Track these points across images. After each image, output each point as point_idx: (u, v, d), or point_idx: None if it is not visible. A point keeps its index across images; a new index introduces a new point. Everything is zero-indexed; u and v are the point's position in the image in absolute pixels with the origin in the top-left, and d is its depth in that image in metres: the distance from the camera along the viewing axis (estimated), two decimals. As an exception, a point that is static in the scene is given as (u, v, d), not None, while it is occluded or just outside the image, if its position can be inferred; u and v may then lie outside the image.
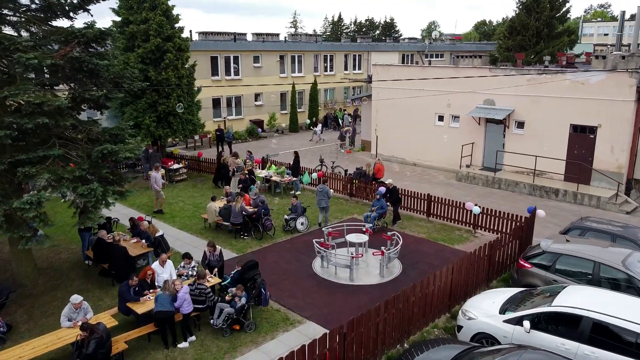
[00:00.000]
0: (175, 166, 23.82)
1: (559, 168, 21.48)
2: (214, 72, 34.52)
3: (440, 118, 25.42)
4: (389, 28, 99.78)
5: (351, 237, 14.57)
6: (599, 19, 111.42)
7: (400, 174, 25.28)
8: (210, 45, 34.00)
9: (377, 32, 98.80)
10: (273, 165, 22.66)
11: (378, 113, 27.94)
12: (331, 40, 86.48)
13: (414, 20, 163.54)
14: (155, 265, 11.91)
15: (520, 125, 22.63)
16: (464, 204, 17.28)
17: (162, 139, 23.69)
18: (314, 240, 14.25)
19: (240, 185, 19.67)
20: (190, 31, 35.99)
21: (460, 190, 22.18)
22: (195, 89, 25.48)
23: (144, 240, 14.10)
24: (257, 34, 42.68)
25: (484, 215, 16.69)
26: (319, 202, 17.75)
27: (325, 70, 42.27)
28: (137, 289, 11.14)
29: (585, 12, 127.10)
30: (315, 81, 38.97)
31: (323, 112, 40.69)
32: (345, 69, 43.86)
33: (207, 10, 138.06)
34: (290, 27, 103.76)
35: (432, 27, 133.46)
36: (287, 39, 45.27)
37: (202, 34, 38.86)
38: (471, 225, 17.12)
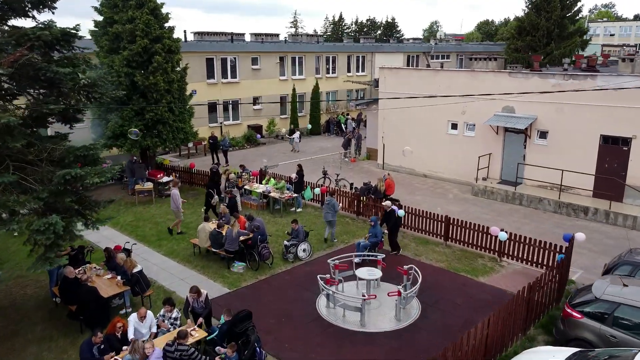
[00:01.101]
0: (165, 179, 21.78)
1: (587, 183, 19.44)
2: (210, 74, 32.48)
3: (454, 126, 23.38)
4: (391, 28, 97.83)
5: (362, 273, 12.53)
6: (604, 19, 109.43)
7: (410, 186, 23.25)
8: (206, 47, 31.96)
9: (379, 32, 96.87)
10: (272, 179, 20.60)
11: (385, 120, 25.90)
12: (332, 40, 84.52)
13: (415, 20, 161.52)
14: (133, 318, 9.85)
15: (543, 135, 20.60)
16: (487, 228, 15.24)
17: (150, 149, 21.62)
18: (318, 277, 12.20)
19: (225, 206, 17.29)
20: (185, 31, 34.16)
21: (477, 207, 20.15)
22: (188, 93, 23.44)
23: (119, 277, 12.06)
24: (256, 34, 40.64)
25: (512, 242, 14.65)
26: (325, 215, 16.44)
27: (328, 72, 40.23)
28: (102, 347, 9.11)
29: (589, 11, 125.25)
30: (317, 84, 36.94)
31: (325, 116, 38.64)
32: (348, 70, 41.82)
33: (207, 10, 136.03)
34: (291, 26, 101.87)
35: (434, 27, 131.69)
36: (287, 39, 43.25)
37: (198, 34, 36.85)
38: (496, 253, 15.08)
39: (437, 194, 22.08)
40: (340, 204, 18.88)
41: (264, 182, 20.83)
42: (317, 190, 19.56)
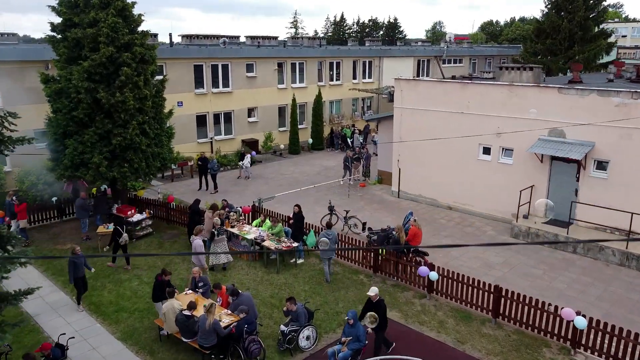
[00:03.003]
0: (137, 217, 17.83)
1: (661, 228, 15.57)
2: (198, 83, 28.55)
3: (487, 150, 19.45)
4: (393, 28, 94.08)
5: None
6: (615, 20, 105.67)
7: (433, 222, 19.32)
8: (194, 52, 28.01)
9: (381, 32, 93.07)
10: (267, 221, 16.65)
11: (401, 140, 21.96)
12: (335, 41, 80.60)
13: (415, 20, 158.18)
14: None
15: (602, 165, 16.69)
16: (556, 308, 11.31)
17: (119, 181, 17.69)
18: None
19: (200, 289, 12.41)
20: (170, 35, 30.17)
21: (521, 256, 16.23)
22: (167, 110, 19.52)
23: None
24: (252, 37, 36.72)
25: (592, 329, 10.74)
26: (323, 252, 14.11)
27: (331, 80, 36.28)
28: None
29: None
30: (320, 92, 32.99)
31: (328, 128, 34.69)
32: (354, 77, 37.87)
33: (205, 9, 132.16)
34: (291, 27, 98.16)
35: (437, 27, 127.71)
36: (286, 43, 39.30)
37: (186, 37, 32.93)
38: (568, 342, 11.15)
39: (468, 235, 18.15)
40: (353, 260, 15.06)
41: (256, 222, 16.86)
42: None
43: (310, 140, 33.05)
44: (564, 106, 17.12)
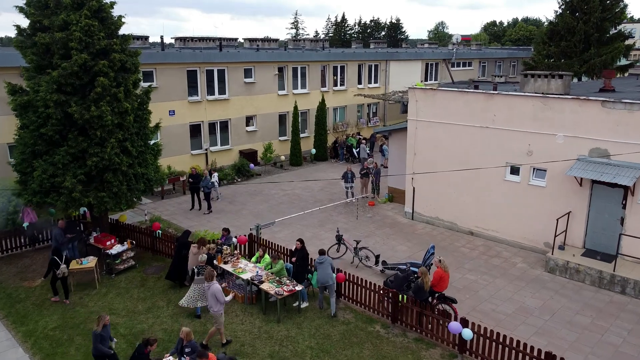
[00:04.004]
0: (117, 248, 15.53)
1: None
2: (192, 90, 26.27)
3: (515, 170, 17.17)
4: (395, 29, 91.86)
5: None
6: (625, 20, 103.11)
7: (454, 251, 17.04)
8: (187, 57, 25.72)
9: (383, 33, 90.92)
10: (266, 256, 14.34)
11: (416, 156, 19.68)
12: (336, 43, 78.38)
13: (415, 20, 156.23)
14: None
15: (654, 191, 14.44)
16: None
17: (96, 208, 15.40)
18: None
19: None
20: (162, 37, 27.88)
21: (562, 298, 13.93)
22: (153, 124, 17.25)
23: None
24: (250, 40, 34.51)
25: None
26: (322, 277, 12.71)
27: (335, 85, 33.99)
28: None
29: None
30: (323, 99, 30.70)
31: (332, 137, 32.40)
32: (359, 82, 35.57)
33: (206, 9, 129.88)
34: (291, 27, 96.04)
35: (440, 28, 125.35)
36: (287, 45, 37.05)
37: (180, 39, 30.69)
38: None
39: (496, 268, 15.85)
40: (367, 306, 12.82)
41: (254, 259, 14.54)
42: (334, 277, 13.31)
43: (313, 151, 30.77)
44: (608, 122, 14.84)
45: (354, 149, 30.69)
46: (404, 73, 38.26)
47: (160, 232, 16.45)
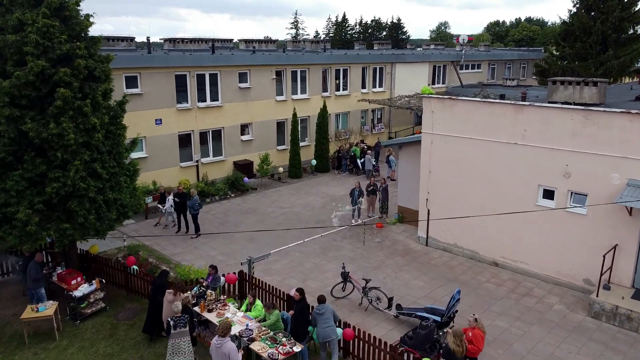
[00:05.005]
0: (84, 289, 13.15)
1: None
2: (182, 97, 23.92)
3: (549, 194, 14.80)
4: (397, 29, 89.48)
5: None
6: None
7: (478, 287, 14.68)
8: (175, 60, 23.34)
9: (384, 33, 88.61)
10: (258, 303, 11.94)
11: (432, 174, 17.33)
12: (337, 44, 75.99)
13: (415, 20, 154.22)
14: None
15: None
16: None
17: (57, 243, 13.04)
18: None
19: None
20: (148, 38, 25.53)
21: (614, 354, 11.59)
22: (128, 141, 14.88)
23: None
24: (246, 41, 32.14)
25: None
26: (323, 332, 10.56)
27: (337, 89, 31.64)
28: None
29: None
30: (325, 104, 28.34)
31: (334, 145, 30.02)
32: (363, 86, 33.21)
33: (205, 10, 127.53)
34: (291, 27, 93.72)
35: (442, 28, 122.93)
36: (286, 47, 34.68)
37: (169, 41, 28.36)
38: None
39: (530, 312, 13.49)
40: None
41: (243, 307, 12.14)
42: (339, 332, 10.95)
43: (314, 161, 28.41)
44: (664, 140, 12.51)
45: (357, 160, 28.34)
46: (411, 76, 35.93)
47: (136, 268, 14.08)
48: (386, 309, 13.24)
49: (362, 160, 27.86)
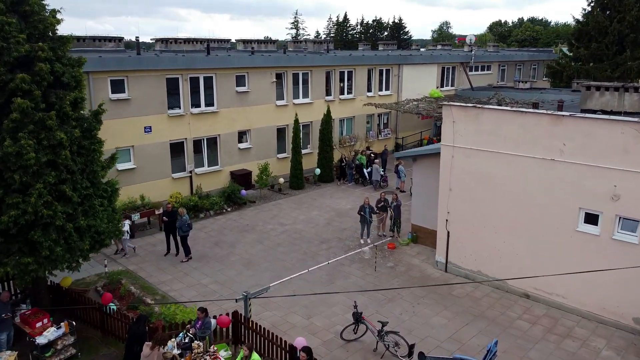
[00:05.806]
0: (50, 334, 11.14)
1: None
2: (173, 102, 21.92)
3: (592, 219, 12.79)
4: (398, 29, 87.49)
5: None
6: None
7: (505, 323, 12.69)
8: (166, 62, 21.33)
9: (385, 33, 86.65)
10: (255, 356, 9.93)
11: (452, 192, 15.32)
12: (340, 44, 73.99)
13: (415, 20, 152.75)
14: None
15: None
16: None
17: (17, 279, 11.05)
18: None
19: None
20: (137, 38, 23.57)
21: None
22: (106, 157, 12.88)
23: None
24: (245, 41, 30.15)
25: None
26: None
27: (342, 93, 29.65)
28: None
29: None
30: (329, 109, 26.35)
31: (338, 153, 27.99)
32: (369, 89, 31.21)
33: (205, 10, 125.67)
34: (292, 27, 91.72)
35: (444, 28, 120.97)
36: (287, 47, 32.67)
37: (161, 41, 26.37)
38: None
39: (569, 353, 11.48)
40: None
41: (239, 358, 10.15)
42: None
43: (317, 171, 26.41)
44: None
45: (364, 169, 26.35)
46: (419, 78, 33.93)
47: (113, 307, 12.07)
48: (405, 357, 11.24)
49: (369, 169, 25.87)
